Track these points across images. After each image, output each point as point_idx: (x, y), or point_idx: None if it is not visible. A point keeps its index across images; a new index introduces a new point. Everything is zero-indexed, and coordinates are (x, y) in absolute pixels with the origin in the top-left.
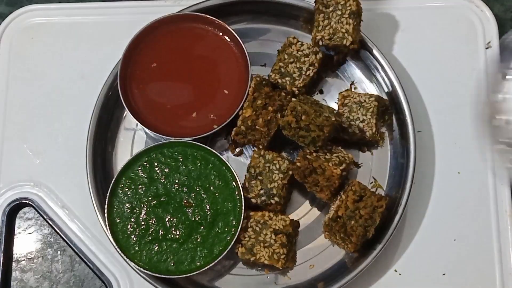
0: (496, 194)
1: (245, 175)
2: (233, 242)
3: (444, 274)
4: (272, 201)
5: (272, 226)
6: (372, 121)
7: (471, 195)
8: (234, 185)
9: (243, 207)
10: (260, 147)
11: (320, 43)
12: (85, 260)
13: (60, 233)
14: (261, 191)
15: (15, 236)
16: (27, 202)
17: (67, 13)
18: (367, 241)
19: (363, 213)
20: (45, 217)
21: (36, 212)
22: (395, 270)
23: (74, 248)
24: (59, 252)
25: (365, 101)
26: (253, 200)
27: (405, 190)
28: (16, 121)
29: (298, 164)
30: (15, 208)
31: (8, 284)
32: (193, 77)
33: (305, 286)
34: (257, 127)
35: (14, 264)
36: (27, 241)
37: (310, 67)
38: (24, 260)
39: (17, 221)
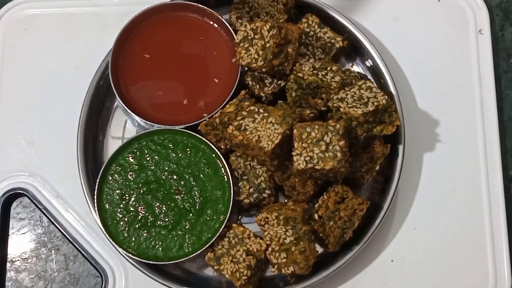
0: (488, 182)
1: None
2: (221, 229)
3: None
4: (265, 195)
5: (247, 245)
6: None
7: (463, 182)
8: (223, 173)
9: (232, 195)
10: (222, 147)
11: None
12: (79, 249)
13: (55, 223)
14: (251, 190)
15: (9, 237)
16: (22, 192)
17: (60, 4)
18: (347, 242)
19: (342, 215)
20: (40, 207)
21: (29, 212)
22: (392, 261)
23: (69, 237)
24: (53, 252)
25: None
26: (246, 201)
27: (390, 191)
28: (10, 112)
29: None
30: (10, 199)
31: (3, 284)
32: (183, 66)
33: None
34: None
35: (8, 264)
36: (20, 241)
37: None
38: (18, 260)
39: (11, 222)
